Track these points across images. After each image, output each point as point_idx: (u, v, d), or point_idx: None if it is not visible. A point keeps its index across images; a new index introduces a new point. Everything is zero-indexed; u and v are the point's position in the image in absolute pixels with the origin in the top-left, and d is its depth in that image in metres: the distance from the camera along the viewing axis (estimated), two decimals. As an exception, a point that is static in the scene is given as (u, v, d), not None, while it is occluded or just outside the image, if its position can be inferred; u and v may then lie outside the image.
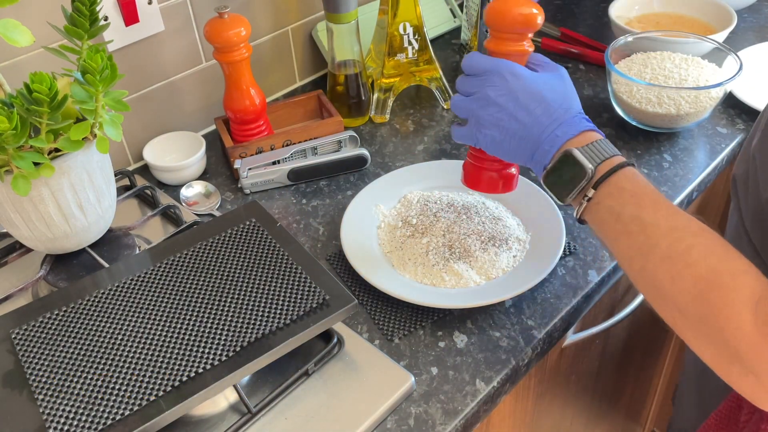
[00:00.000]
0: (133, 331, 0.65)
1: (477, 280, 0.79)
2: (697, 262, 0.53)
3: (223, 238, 0.75)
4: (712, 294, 0.51)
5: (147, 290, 0.70)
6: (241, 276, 0.71)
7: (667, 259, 0.54)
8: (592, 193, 0.60)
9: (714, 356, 0.53)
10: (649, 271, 0.56)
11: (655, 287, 0.56)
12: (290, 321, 0.66)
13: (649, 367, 1.39)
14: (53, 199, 0.71)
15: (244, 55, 0.92)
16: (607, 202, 0.60)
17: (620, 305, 1.02)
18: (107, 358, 0.63)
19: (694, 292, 0.52)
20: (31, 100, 0.63)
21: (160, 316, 0.67)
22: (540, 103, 0.63)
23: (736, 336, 0.50)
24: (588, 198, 0.61)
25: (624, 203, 0.58)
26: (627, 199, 0.58)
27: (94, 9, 0.70)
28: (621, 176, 0.60)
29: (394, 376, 0.70)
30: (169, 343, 0.64)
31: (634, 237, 0.57)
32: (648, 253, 0.56)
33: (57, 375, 0.62)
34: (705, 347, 0.54)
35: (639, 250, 0.57)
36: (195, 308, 0.67)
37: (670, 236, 0.55)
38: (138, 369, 0.62)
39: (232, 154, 0.97)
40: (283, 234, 0.75)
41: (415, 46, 1.06)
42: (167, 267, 0.72)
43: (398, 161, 1.00)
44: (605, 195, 0.60)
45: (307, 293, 0.68)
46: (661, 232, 0.56)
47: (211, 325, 0.66)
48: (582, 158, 0.61)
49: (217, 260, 0.72)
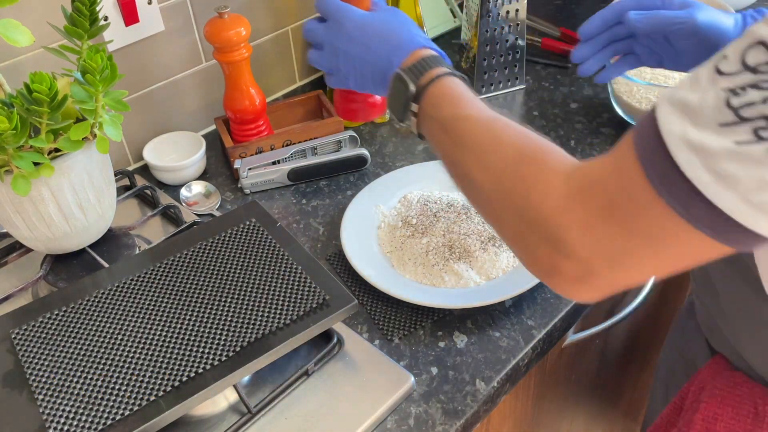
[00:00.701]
0: (133, 331, 0.65)
1: (477, 280, 0.79)
2: (509, 144, 0.55)
3: (223, 238, 0.75)
4: (523, 166, 0.52)
5: (147, 290, 0.70)
6: (241, 276, 0.71)
7: (478, 145, 0.56)
8: (416, 107, 0.63)
9: (516, 226, 0.52)
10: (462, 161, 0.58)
11: (469, 178, 0.57)
12: (290, 321, 0.66)
13: (649, 367, 1.39)
14: (53, 199, 0.71)
15: (244, 55, 0.92)
16: (430, 112, 0.62)
17: (620, 305, 1.02)
18: (107, 358, 0.63)
19: (506, 169, 0.53)
20: (31, 100, 0.63)
21: (160, 316, 0.67)
22: (376, 38, 0.68)
23: (542, 200, 0.50)
24: (414, 113, 0.63)
25: (443, 107, 0.61)
26: (446, 103, 0.61)
27: (94, 9, 0.70)
28: (440, 85, 0.61)
29: (394, 376, 0.70)
30: (169, 343, 0.64)
31: (449, 133, 0.59)
32: (461, 144, 0.58)
33: (57, 375, 0.62)
34: (510, 219, 0.53)
35: (454, 142, 0.59)
36: (195, 308, 0.67)
37: (483, 126, 0.57)
38: (138, 369, 0.62)
39: (232, 154, 0.97)
40: (283, 234, 0.75)
41: (415, 46, 1.06)
42: (167, 267, 0.72)
43: (398, 161, 1.00)
44: (429, 106, 0.62)
45: (307, 293, 0.68)
46: (474, 122, 0.58)
47: (211, 325, 0.66)
48: (404, 75, 0.63)
49: (217, 260, 0.72)
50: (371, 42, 0.68)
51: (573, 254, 0.48)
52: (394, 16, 0.70)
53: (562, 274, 0.49)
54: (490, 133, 0.56)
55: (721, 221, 0.41)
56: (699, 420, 0.68)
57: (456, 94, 0.61)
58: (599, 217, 0.46)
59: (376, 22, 0.69)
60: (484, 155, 0.56)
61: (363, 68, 0.69)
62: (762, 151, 0.38)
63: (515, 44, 1.10)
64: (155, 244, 0.78)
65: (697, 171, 0.40)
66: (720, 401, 0.67)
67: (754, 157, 0.38)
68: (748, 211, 0.40)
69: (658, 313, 1.25)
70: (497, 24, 1.07)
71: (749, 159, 0.38)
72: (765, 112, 0.38)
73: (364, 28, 0.69)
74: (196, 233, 0.77)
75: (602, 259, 0.47)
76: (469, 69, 1.13)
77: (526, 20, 1.08)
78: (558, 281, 0.50)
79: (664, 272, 0.48)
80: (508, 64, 1.11)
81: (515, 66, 1.12)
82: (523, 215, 0.51)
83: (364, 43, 0.68)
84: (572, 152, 1.00)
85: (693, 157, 0.40)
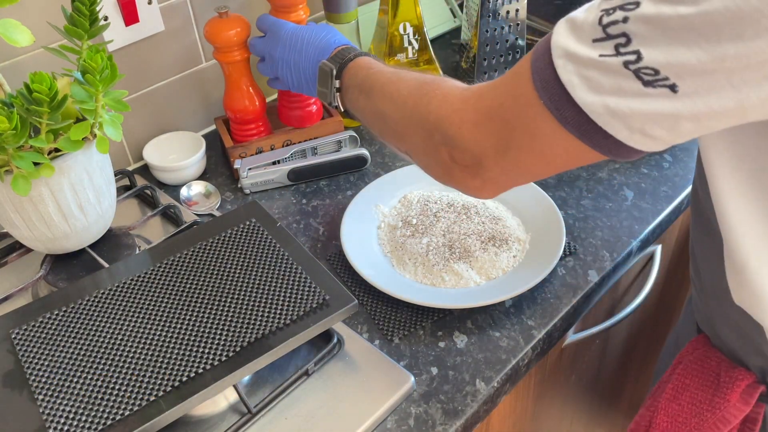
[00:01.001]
0: (133, 331, 0.65)
1: (477, 280, 0.79)
2: (411, 77, 0.64)
3: (223, 238, 0.75)
4: (425, 86, 0.61)
5: (147, 290, 0.70)
6: (241, 276, 0.71)
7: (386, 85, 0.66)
8: (338, 83, 0.74)
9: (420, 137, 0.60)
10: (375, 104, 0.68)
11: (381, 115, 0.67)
12: (290, 321, 0.66)
13: (649, 367, 1.39)
14: (53, 199, 0.71)
15: (244, 55, 0.92)
16: (348, 82, 0.73)
17: (620, 305, 1.02)
18: (107, 358, 0.63)
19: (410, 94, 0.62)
20: (31, 100, 0.63)
21: (160, 316, 0.67)
22: (306, 44, 0.80)
23: (440, 106, 0.58)
24: (338, 88, 0.74)
25: (358, 74, 0.71)
26: (361, 71, 0.71)
27: (94, 9, 0.70)
28: (358, 61, 0.73)
29: (394, 376, 0.70)
30: (169, 343, 0.64)
31: (364, 90, 0.70)
32: (373, 91, 0.68)
33: (57, 375, 0.62)
34: (415, 132, 0.61)
35: (368, 95, 0.69)
36: (195, 308, 0.67)
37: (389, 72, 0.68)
38: (138, 369, 0.62)
39: (232, 154, 0.97)
40: (283, 234, 0.75)
41: (415, 46, 1.06)
42: (167, 267, 0.72)
43: (398, 161, 1.00)
44: (347, 78, 0.73)
45: (307, 293, 0.68)
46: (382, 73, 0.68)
47: (211, 325, 0.66)
48: (328, 64, 0.75)
49: (217, 260, 0.72)
50: (302, 47, 0.80)
51: (466, 149, 0.56)
52: (321, 28, 0.82)
53: (459, 170, 0.57)
54: (395, 75, 0.67)
55: (586, 123, 0.47)
56: (669, 389, 0.72)
57: (368, 64, 0.72)
58: (487, 115, 0.54)
59: (305, 32, 0.81)
60: (391, 90, 0.65)
61: (297, 71, 0.81)
62: (618, 64, 0.44)
63: (515, 44, 1.10)
64: (155, 244, 0.78)
65: (570, 75, 0.47)
66: (690, 373, 0.72)
67: (612, 68, 0.45)
68: (606, 115, 0.46)
69: (658, 313, 1.25)
70: (497, 24, 1.07)
71: (609, 69, 0.45)
72: (624, 30, 0.44)
73: (295, 37, 0.81)
74: (196, 233, 0.77)
75: (490, 152, 0.54)
76: (469, 69, 1.12)
77: (526, 20, 1.08)
78: (457, 177, 0.58)
79: (544, 171, 0.55)
80: (508, 64, 1.11)
81: (515, 66, 1.12)
82: (425, 125, 0.59)
83: (296, 48, 0.81)
84: (572, 152, 1.00)
85: (568, 63, 0.47)
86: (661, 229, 0.90)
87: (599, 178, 0.95)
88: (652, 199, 0.91)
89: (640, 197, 0.91)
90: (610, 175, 0.95)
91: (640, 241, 0.86)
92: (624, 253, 0.84)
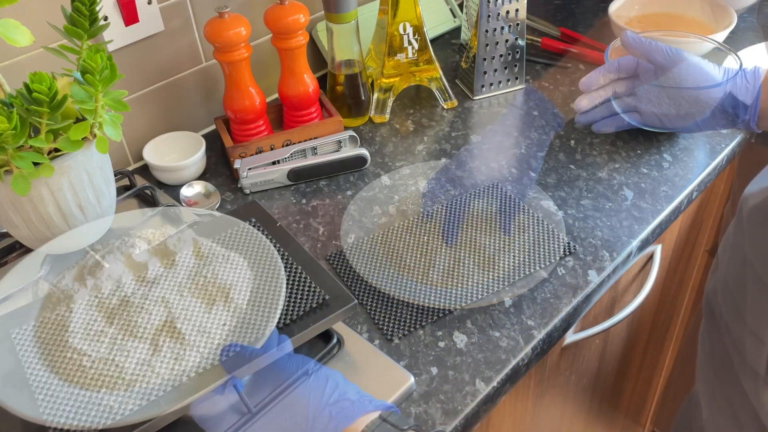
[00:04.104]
0: (134, 331, 0.65)
1: (477, 280, 0.79)
2: None
3: (222, 238, 0.75)
4: None
5: (147, 290, 0.69)
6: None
7: None
8: None
9: None
10: None
11: None
12: (290, 321, 0.66)
13: (649, 367, 1.39)
14: (53, 199, 0.71)
15: (244, 55, 0.92)
16: None
17: (620, 305, 1.02)
18: (107, 358, 0.63)
19: None
20: (30, 100, 0.63)
21: (159, 315, 0.67)
22: None
23: None
24: None
25: None
26: None
27: (94, 9, 0.70)
28: None
29: (394, 376, 0.70)
30: (169, 343, 0.64)
31: None
32: None
33: (57, 375, 0.62)
34: None
35: None
36: (195, 308, 0.67)
37: None
38: (138, 369, 0.62)
39: (232, 154, 0.97)
40: (283, 234, 0.75)
41: (415, 46, 1.06)
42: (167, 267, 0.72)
43: (398, 161, 1.00)
44: None
45: (307, 293, 0.68)
46: None
47: (211, 324, 0.66)
48: None
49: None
50: None
51: None
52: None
53: None
54: None
55: None
56: None
57: None
58: None
59: None
60: None
61: None
62: None
63: (515, 44, 1.10)
64: (155, 244, 0.78)
65: None
66: None
67: None
68: None
69: (658, 313, 1.25)
70: (497, 24, 1.07)
71: None
72: None
73: None
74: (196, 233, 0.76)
75: None
76: (469, 69, 1.13)
77: (525, 20, 1.08)
78: None
79: None
80: (508, 64, 1.11)
81: (515, 66, 1.12)
82: None
83: None
84: (572, 152, 1.00)
85: None
86: (661, 229, 0.90)
87: (599, 178, 0.95)
88: (651, 199, 0.91)
89: (639, 197, 0.91)
90: (609, 175, 0.95)
91: (640, 241, 0.86)
92: (624, 253, 0.84)
